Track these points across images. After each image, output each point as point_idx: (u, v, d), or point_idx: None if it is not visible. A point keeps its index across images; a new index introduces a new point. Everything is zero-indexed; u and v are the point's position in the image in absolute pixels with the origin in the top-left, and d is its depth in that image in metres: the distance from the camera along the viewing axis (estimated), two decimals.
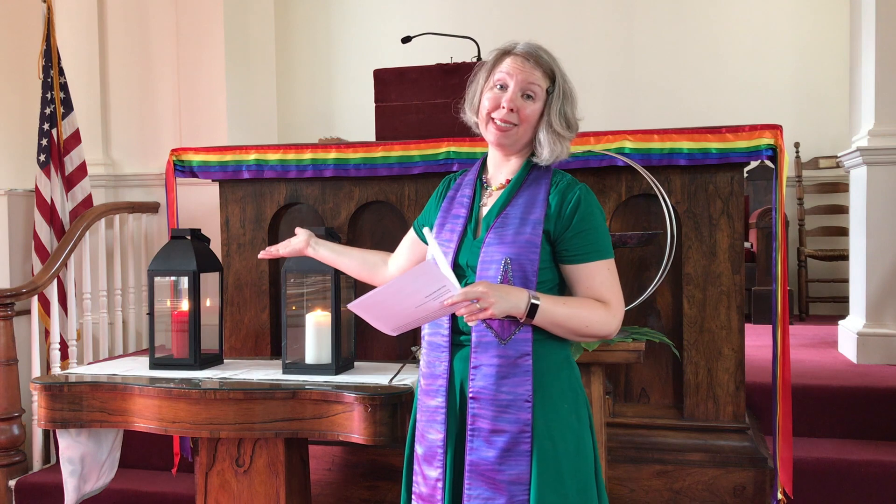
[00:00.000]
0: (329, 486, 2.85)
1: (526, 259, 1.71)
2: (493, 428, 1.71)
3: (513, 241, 1.72)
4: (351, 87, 6.31)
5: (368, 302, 1.73)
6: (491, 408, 1.71)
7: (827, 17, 5.68)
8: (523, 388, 1.70)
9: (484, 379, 1.72)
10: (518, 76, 1.75)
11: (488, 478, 1.71)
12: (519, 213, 1.75)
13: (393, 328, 1.78)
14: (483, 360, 1.72)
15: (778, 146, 2.61)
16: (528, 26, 5.97)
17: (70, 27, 4.57)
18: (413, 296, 1.68)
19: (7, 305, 3.46)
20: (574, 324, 1.69)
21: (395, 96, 3.09)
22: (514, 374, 1.70)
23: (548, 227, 1.73)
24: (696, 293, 2.74)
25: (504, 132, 1.76)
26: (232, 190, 3.13)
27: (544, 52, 1.78)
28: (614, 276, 1.76)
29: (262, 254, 2.29)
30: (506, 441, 1.70)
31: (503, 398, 1.70)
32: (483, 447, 1.72)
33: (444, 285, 1.65)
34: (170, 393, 2.27)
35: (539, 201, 1.75)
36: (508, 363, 1.71)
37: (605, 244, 1.76)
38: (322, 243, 2.21)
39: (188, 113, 4.55)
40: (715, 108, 5.62)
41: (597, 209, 1.77)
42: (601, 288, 1.73)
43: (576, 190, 1.76)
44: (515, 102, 1.74)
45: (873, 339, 3.66)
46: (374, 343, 3.03)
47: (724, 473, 2.64)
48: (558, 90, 1.76)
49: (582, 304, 1.72)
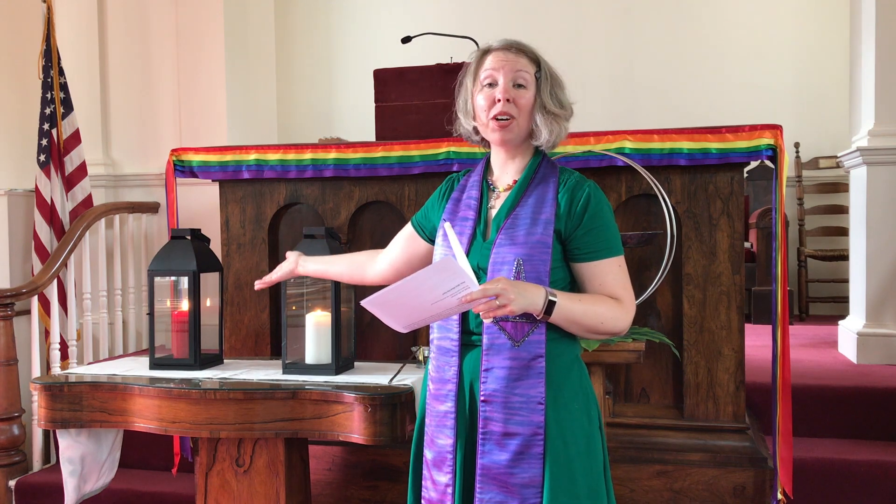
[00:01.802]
0: (329, 486, 2.85)
1: (538, 259, 1.70)
2: (506, 431, 1.70)
3: (524, 242, 1.71)
4: (351, 87, 6.31)
5: (383, 299, 1.70)
6: (503, 411, 1.70)
7: (827, 17, 5.68)
8: (536, 390, 1.68)
9: (496, 382, 1.71)
10: (505, 67, 1.75)
11: (501, 481, 1.69)
12: (529, 214, 1.74)
13: (405, 325, 1.76)
14: (495, 362, 1.71)
15: (778, 146, 2.61)
16: (528, 26, 5.98)
17: (70, 27, 4.57)
18: (431, 292, 1.65)
19: (7, 305, 3.46)
20: (589, 320, 1.69)
21: (395, 96, 3.09)
22: (528, 377, 1.69)
23: (559, 227, 1.73)
24: (696, 293, 2.74)
25: (506, 127, 1.76)
26: (232, 190, 3.13)
27: (525, 44, 1.81)
28: (625, 272, 1.76)
29: (258, 284, 2.33)
30: (518, 444, 1.69)
31: (516, 400, 1.69)
32: (495, 451, 1.70)
33: (463, 281, 1.63)
34: (170, 393, 2.27)
35: (548, 200, 1.75)
36: (521, 365, 1.69)
37: (615, 241, 1.76)
38: (310, 259, 2.25)
39: (188, 113, 4.55)
40: (715, 108, 5.62)
41: (606, 206, 1.77)
42: (613, 285, 1.73)
43: (585, 188, 1.76)
44: (509, 93, 1.75)
45: (873, 339, 3.67)
46: (374, 343, 3.03)
47: (724, 473, 2.64)
48: (545, 73, 1.78)
49: (596, 300, 1.72)
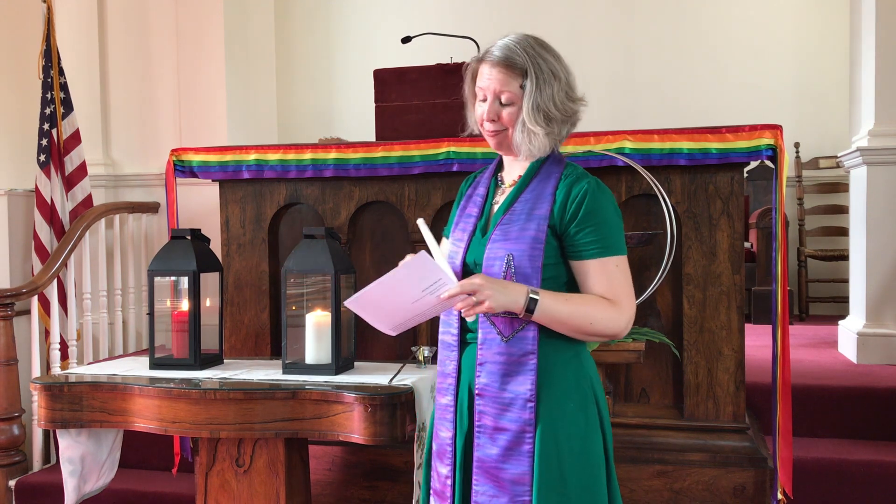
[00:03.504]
0: (329, 486, 2.85)
1: (528, 255, 1.68)
2: (496, 426, 1.70)
3: (517, 238, 1.70)
4: (351, 87, 6.31)
5: (364, 298, 1.71)
6: (494, 405, 1.71)
7: (827, 17, 5.68)
8: (525, 387, 1.68)
9: (488, 376, 1.72)
10: (490, 87, 1.73)
11: (493, 476, 1.70)
12: (526, 210, 1.73)
13: (392, 327, 1.76)
14: (488, 356, 1.72)
15: (778, 146, 2.61)
16: (527, 26, 5.93)
17: (70, 27, 4.57)
18: (409, 290, 1.65)
19: (7, 305, 3.46)
20: (577, 321, 1.66)
21: (395, 96, 3.09)
22: (518, 373, 1.69)
23: (553, 222, 1.70)
24: (696, 293, 2.73)
25: (495, 138, 1.77)
26: (232, 190, 3.12)
27: (519, 51, 1.71)
28: (624, 273, 1.71)
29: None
30: (508, 440, 1.69)
31: (506, 396, 1.70)
32: (488, 444, 1.71)
33: (441, 278, 1.62)
34: (170, 393, 2.27)
35: (546, 196, 1.72)
36: (512, 361, 1.69)
37: (613, 240, 1.70)
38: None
39: (188, 113, 4.55)
40: (715, 108, 5.61)
41: (606, 203, 1.71)
42: (608, 285, 1.68)
43: (583, 183, 1.71)
44: (493, 113, 1.74)
45: (873, 339, 3.66)
46: (374, 343, 3.03)
47: (724, 473, 2.64)
48: (531, 85, 1.70)
49: (587, 301, 1.68)
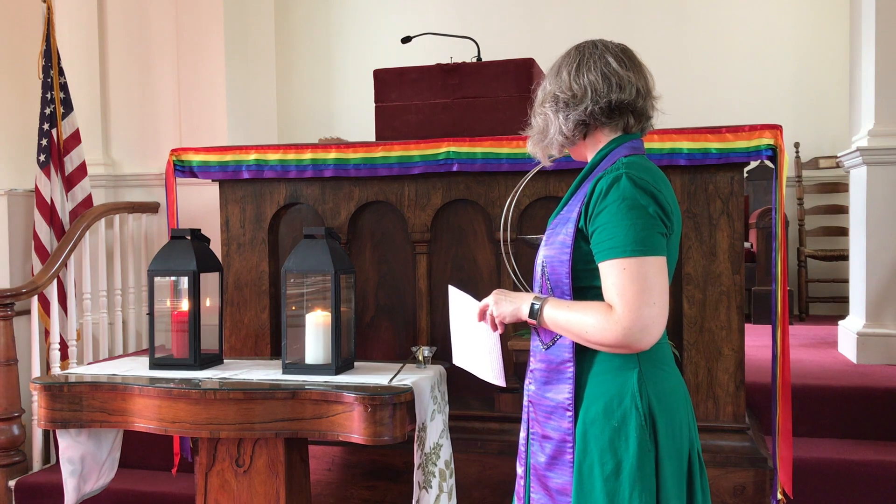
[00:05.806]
0: (329, 486, 2.85)
1: (558, 260, 1.64)
2: (544, 433, 1.70)
3: (551, 244, 1.68)
4: (351, 87, 6.31)
5: (459, 352, 1.89)
6: (541, 413, 1.71)
7: (827, 17, 5.68)
8: (563, 395, 1.64)
9: (535, 384, 1.73)
10: None
11: (543, 483, 1.70)
12: (566, 213, 1.69)
13: (494, 373, 1.83)
14: (534, 364, 1.74)
15: (778, 146, 2.61)
16: (527, 26, 5.98)
17: (70, 27, 4.57)
18: (467, 325, 1.82)
19: (7, 305, 3.46)
20: (575, 330, 1.58)
21: (395, 96, 3.09)
22: (557, 381, 1.67)
23: (581, 225, 1.61)
24: (696, 293, 2.73)
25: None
26: (232, 190, 3.12)
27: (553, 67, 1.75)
28: (631, 278, 1.52)
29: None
30: (552, 448, 1.67)
31: (548, 404, 1.68)
32: (538, 451, 1.71)
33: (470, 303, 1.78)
34: (170, 393, 2.27)
35: (581, 197, 1.64)
36: (552, 368, 1.68)
37: (622, 241, 1.54)
38: None
39: (188, 113, 4.55)
40: (715, 108, 5.62)
41: (623, 200, 1.55)
42: (611, 290, 1.54)
43: (608, 178, 1.58)
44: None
45: (873, 339, 3.66)
46: (374, 343, 3.03)
47: (724, 473, 2.64)
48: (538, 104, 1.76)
49: (586, 308, 1.57)
